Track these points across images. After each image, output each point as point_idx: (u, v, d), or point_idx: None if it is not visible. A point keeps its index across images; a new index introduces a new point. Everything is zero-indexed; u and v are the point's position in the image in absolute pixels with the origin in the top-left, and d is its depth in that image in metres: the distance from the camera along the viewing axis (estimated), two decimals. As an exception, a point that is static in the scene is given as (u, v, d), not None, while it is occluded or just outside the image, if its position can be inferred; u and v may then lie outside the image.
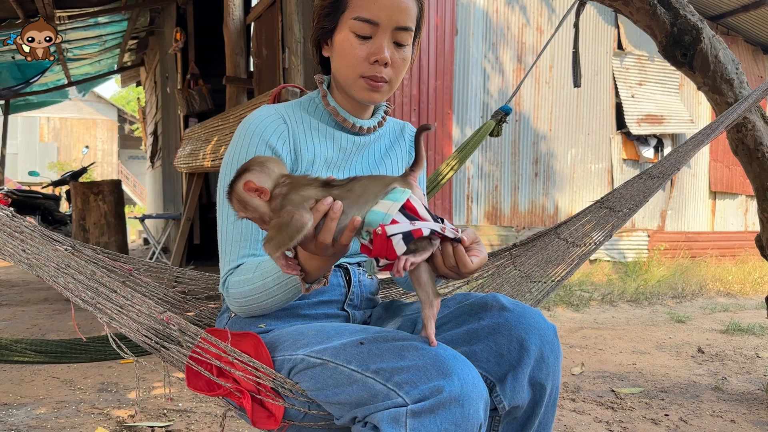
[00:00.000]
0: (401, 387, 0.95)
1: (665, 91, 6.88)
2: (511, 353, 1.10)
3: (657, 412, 2.56)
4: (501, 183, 5.99)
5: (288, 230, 0.99)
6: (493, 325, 1.13)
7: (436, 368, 0.94)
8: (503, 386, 1.10)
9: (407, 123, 1.48)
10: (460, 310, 1.21)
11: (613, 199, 1.69)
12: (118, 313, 1.16)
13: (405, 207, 0.96)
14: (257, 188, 1.03)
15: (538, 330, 1.12)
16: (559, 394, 1.59)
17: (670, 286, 5.67)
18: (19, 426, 2.24)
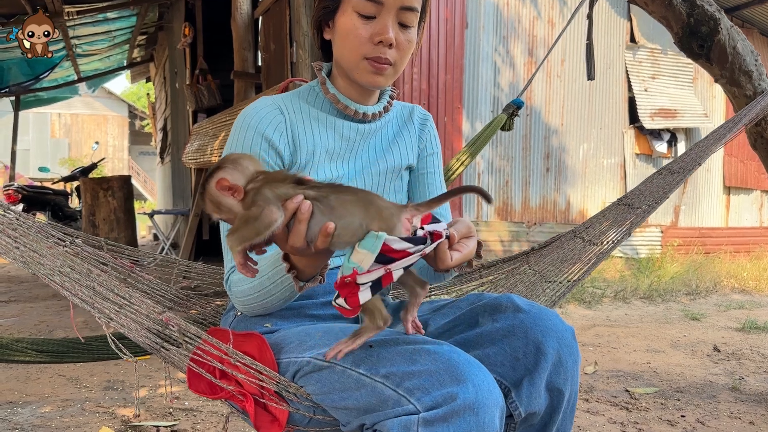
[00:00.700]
0: (412, 393, 0.90)
1: (679, 84, 6.77)
2: (527, 357, 1.05)
3: (673, 413, 2.50)
4: (512, 178, 5.91)
5: (255, 225, 0.95)
6: (507, 328, 1.08)
7: (450, 374, 0.89)
8: (519, 392, 1.05)
9: (417, 106, 1.41)
10: (472, 312, 1.15)
11: (632, 196, 1.63)
12: (116, 313, 1.12)
13: (382, 251, 0.89)
14: (230, 186, 0.98)
15: (556, 332, 1.06)
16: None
17: (683, 282, 5.59)
18: (24, 425, 2.22)
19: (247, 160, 1.02)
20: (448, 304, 1.24)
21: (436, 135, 1.41)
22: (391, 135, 1.33)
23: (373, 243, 0.88)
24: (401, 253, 0.89)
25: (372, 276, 0.89)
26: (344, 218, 0.93)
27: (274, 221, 0.94)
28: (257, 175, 1.01)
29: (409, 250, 0.90)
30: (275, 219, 0.94)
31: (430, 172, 1.38)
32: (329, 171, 1.22)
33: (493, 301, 1.14)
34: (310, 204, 0.94)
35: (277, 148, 1.19)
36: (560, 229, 6.04)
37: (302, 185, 0.98)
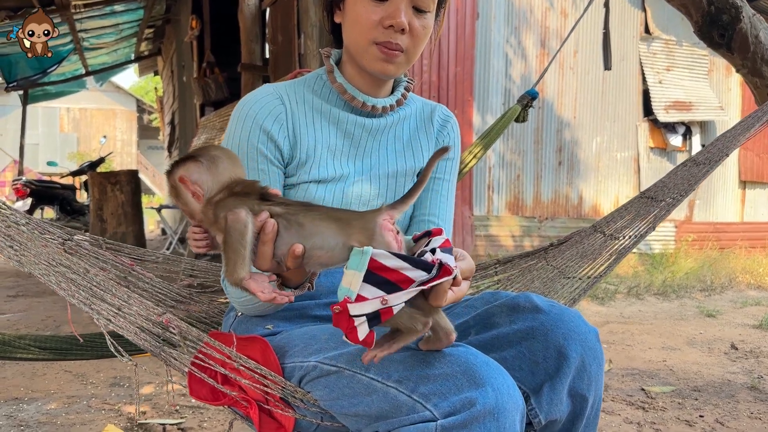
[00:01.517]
0: (428, 399, 0.84)
1: (694, 76, 6.65)
2: (547, 361, 0.99)
3: (691, 413, 2.44)
4: (523, 172, 5.83)
5: (232, 241, 0.86)
6: (526, 330, 1.02)
7: (467, 377, 0.84)
8: (539, 398, 0.99)
9: (440, 105, 1.30)
10: (488, 312, 1.09)
11: (655, 188, 1.56)
12: (115, 316, 1.07)
13: (372, 269, 0.79)
14: (192, 189, 0.92)
15: (579, 335, 1.00)
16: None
17: (698, 278, 5.50)
18: (29, 422, 2.20)
19: (226, 163, 0.95)
20: (461, 303, 1.17)
21: (457, 140, 1.30)
22: (406, 135, 1.23)
23: (359, 261, 0.79)
24: (396, 273, 0.78)
25: (365, 308, 0.78)
26: (314, 236, 0.86)
27: (244, 222, 0.87)
28: (229, 185, 0.93)
29: (407, 273, 0.78)
30: (244, 220, 0.87)
31: (439, 178, 1.26)
32: (332, 169, 1.15)
33: (510, 300, 1.07)
34: (274, 223, 0.87)
35: (276, 141, 1.12)
36: (572, 224, 5.96)
37: (268, 201, 0.90)
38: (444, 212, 1.25)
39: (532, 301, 1.05)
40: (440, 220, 1.24)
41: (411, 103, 1.27)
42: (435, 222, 1.23)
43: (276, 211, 0.89)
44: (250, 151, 1.12)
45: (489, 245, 5.57)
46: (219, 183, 0.93)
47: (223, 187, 0.93)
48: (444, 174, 1.27)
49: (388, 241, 0.83)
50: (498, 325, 1.06)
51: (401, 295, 0.78)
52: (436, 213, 1.24)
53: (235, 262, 0.87)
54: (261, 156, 1.12)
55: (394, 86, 1.22)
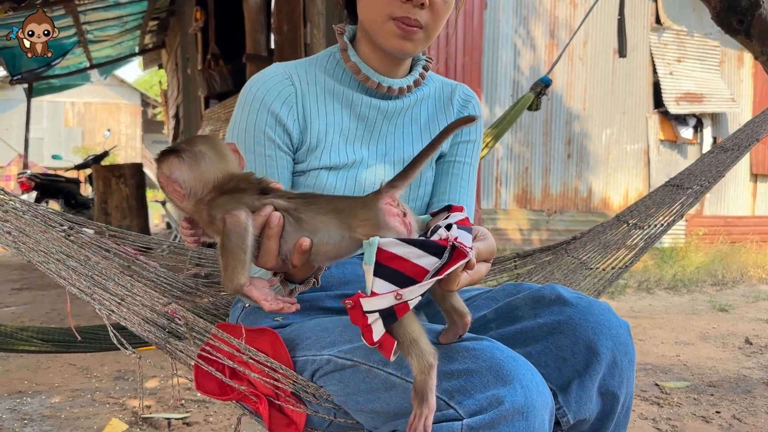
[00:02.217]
0: (452, 396, 0.79)
1: (705, 68, 6.56)
2: (575, 357, 0.93)
3: (707, 409, 2.39)
4: (532, 165, 5.76)
5: (231, 245, 0.80)
6: (552, 324, 0.96)
7: (494, 373, 0.78)
8: (567, 396, 0.93)
9: (461, 84, 1.23)
10: (510, 305, 1.03)
11: (681, 176, 1.50)
12: (118, 306, 1.01)
13: (381, 260, 0.73)
14: (172, 187, 0.85)
15: (609, 329, 0.94)
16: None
17: (709, 272, 5.43)
18: (33, 415, 2.17)
19: (212, 158, 0.87)
20: (481, 295, 1.11)
21: (479, 121, 1.25)
22: (424, 117, 1.16)
23: (369, 254, 0.73)
24: (407, 263, 0.72)
25: (379, 303, 0.73)
26: (319, 232, 0.80)
27: (244, 225, 0.80)
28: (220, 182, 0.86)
29: (419, 262, 0.72)
30: (244, 223, 0.80)
31: (459, 161, 1.19)
32: (344, 154, 1.08)
33: (534, 292, 1.01)
34: (280, 216, 0.81)
35: (285, 125, 1.06)
36: (581, 218, 5.90)
37: (268, 194, 0.84)
38: (463, 197, 1.19)
39: (557, 292, 0.99)
40: (461, 195, 1.19)
41: (429, 83, 1.20)
42: (455, 197, 1.18)
43: (280, 205, 0.83)
44: (257, 136, 1.06)
45: (497, 239, 5.50)
46: (204, 181, 0.86)
47: (213, 185, 0.86)
48: (464, 157, 1.20)
49: (394, 227, 0.77)
50: (521, 319, 1.00)
51: (416, 289, 0.73)
52: (456, 199, 1.18)
53: (234, 267, 0.81)
54: (268, 141, 1.06)
55: (411, 65, 1.15)
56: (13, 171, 12.40)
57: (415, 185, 1.15)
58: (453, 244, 0.72)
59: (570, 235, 5.05)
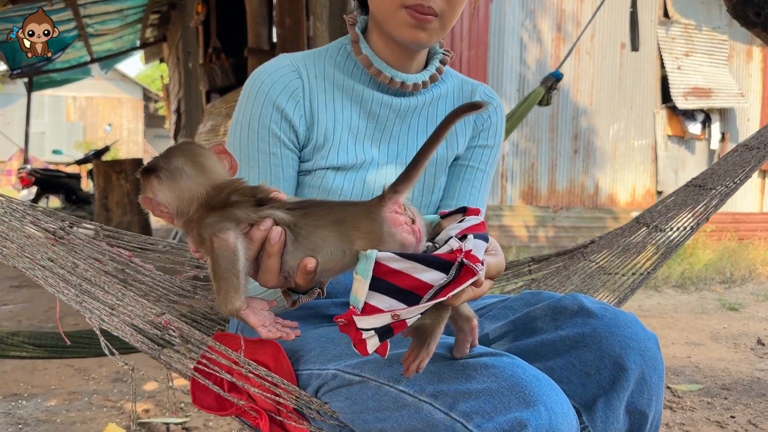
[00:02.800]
0: (470, 418, 0.73)
1: (713, 62, 6.46)
2: (601, 373, 0.86)
3: (721, 414, 2.33)
4: (538, 160, 5.68)
5: (221, 270, 0.73)
6: (576, 336, 0.89)
7: (515, 394, 0.72)
8: (592, 415, 0.86)
9: (483, 85, 1.15)
10: (529, 316, 0.96)
11: (703, 176, 1.43)
12: (109, 315, 0.94)
13: (379, 275, 0.66)
14: (157, 209, 0.78)
15: (638, 343, 0.87)
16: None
17: (717, 270, 5.36)
18: (28, 419, 2.11)
19: (191, 173, 0.78)
20: (497, 304, 1.04)
21: (499, 126, 1.15)
22: (441, 117, 1.08)
23: (364, 267, 0.67)
24: (408, 278, 0.66)
25: (374, 322, 0.67)
26: (320, 249, 0.73)
27: (233, 249, 0.73)
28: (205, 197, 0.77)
29: (421, 277, 0.65)
30: (233, 247, 0.73)
31: (472, 166, 1.12)
32: (353, 154, 1.01)
33: (555, 302, 0.95)
34: (281, 231, 0.73)
35: (291, 121, 0.99)
36: (588, 215, 5.82)
37: (265, 205, 0.76)
38: (472, 204, 1.10)
39: (580, 303, 0.92)
40: (471, 196, 1.12)
41: (447, 79, 1.12)
42: (464, 200, 1.11)
43: (280, 218, 0.75)
44: (261, 132, 0.99)
45: (502, 236, 5.44)
46: (186, 199, 0.78)
47: (198, 203, 0.78)
48: (478, 162, 1.12)
49: (401, 239, 0.70)
50: (541, 331, 0.94)
51: (415, 309, 0.66)
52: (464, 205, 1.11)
53: (226, 291, 0.74)
54: (273, 137, 0.99)
55: (428, 60, 1.08)
56: (15, 166, 12.35)
57: (428, 191, 1.08)
58: (461, 261, 0.65)
59: (577, 233, 4.96)
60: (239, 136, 1.01)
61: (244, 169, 1.00)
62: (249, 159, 1.00)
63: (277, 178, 1.00)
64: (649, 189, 6.22)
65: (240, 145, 1.01)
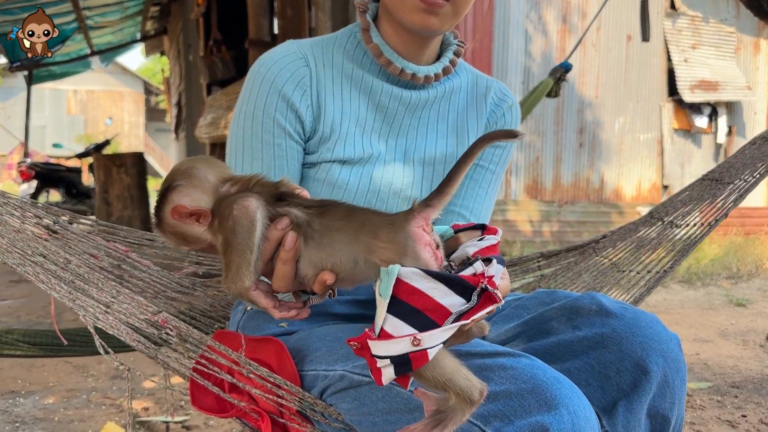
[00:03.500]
0: (488, 422, 0.69)
1: (720, 55, 6.39)
2: (621, 375, 0.82)
3: (732, 413, 2.29)
4: (542, 154, 5.63)
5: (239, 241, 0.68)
6: (594, 337, 0.85)
7: (536, 397, 0.69)
8: (612, 419, 0.82)
9: (499, 83, 1.10)
10: (544, 316, 0.92)
11: (719, 170, 1.38)
12: (104, 314, 0.90)
13: (398, 294, 0.61)
14: (192, 212, 0.73)
15: (659, 344, 0.83)
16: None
17: (724, 265, 5.31)
18: (25, 417, 2.08)
19: (206, 166, 0.75)
20: (511, 303, 1.00)
21: (513, 126, 1.10)
22: (453, 113, 1.04)
23: (385, 285, 0.61)
24: (427, 300, 0.60)
25: (392, 348, 0.61)
26: (333, 255, 0.67)
27: (252, 215, 0.68)
28: (224, 183, 0.74)
29: (442, 301, 0.60)
30: (252, 213, 0.68)
31: (481, 165, 1.06)
32: (360, 147, 0.97)
33: (572, 302, 0.90)
34: (296, 237, 0.68)
35: (297, 111, 0.94)
36: (593, 209, 5.77)
37: (284, 201, 0.71)
38: (477, 206, 1.06)
39: (599, 302, 0.88)
40: (473, 215, 1.05)
41: (461, 73, 1.07)
42: (466, 216, 1.05)
43: (299, 218, 0.69)
44: (266, 122, 0.95)
45: (506, 231, 5.39)
46: (209, 192, 0.74)
47: (217, 189, 0.75)
48: (488, 162, 1.07)
49: (424, 259, 0.64)
50: (557, 332, 0.89)
51: (437, 334, 0.60)
52: (469, 206, 1.05)
53: (238, 267, 0.69)
54: (278, 128, 0.94)
55: (441, 51, 1.02)
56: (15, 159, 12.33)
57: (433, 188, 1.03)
58: (484, 287, 0.61)
59: (582, 227, 4.90)
60: (243, 126, 0.97)
61: (247, 162, 0.96)
62: (252, 151, 0.96)
63: (282, 171, 0.96)
64: (654, 183, 6.16)
65: (243, 136, 0.96)
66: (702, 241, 1.18)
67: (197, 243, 0.76)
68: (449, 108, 1.03)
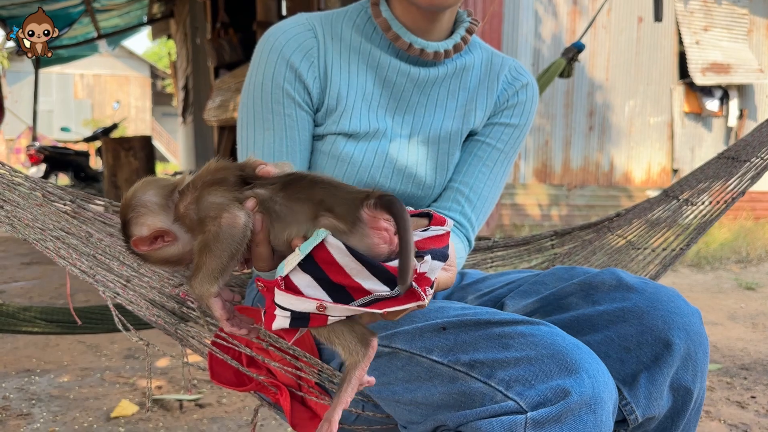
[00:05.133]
0: (510, 386, 0.70)
1: (732, 37, 6.30)
2: (641, 348, 0.83)
3: (741, 394, 2.30)
4: (552, 137, 5.59)
5: (218, 246, 0.66)
6: (615, 311, 0.85)
7: (556, 362, 0.70)
8: (634, 391, 0.83)
9: (513, 60, 1.07)
10: (563, 291, 0.92)
11: (736, 148, 1.37)
12: (123, 288, 0.91)
13: (318, 260, 0.62)
14: (151, 237, 0.72)
15: (682, 318, 0.83)
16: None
17: (733, 249, 5.29)
18: (41, 395, 2.10)
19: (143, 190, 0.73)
20: (528, 279, 1.00)
21: (528, 105, 1.07)
22: (464, 92, 1.02)
23: (307, 243, 0.63)
24: (346, 278, 0.61)
25: (297, 305, 0.63)
26: (291, 225, 0.67)
27: (242, 228, 0.67)
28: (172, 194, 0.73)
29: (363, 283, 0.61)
30: (242, 225, 0.67)
31: (488, 143, 1.04)
32: (366, 121, 0.96)
33: (591, 278, 0.90)
34: (261, 219, 0.68)
35: (304, 81, 0.94)
36: (602, 193, 5.74)
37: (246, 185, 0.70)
38: (480, 184, 1.03)
39: (619, 277, 0.88)
40: (472, 192, 1.02)
41: (476, 51, 1.05)
42: (465, 193, 1.02)
43: (262, 195, 0.69)
44: (275, 92, 0.94)
45: (514, 215, 5.38)
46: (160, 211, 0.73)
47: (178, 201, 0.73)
48: (496, 141, 1.05)
49: (370, 244, 0.64)
50: (576, 307, 0.90)
51: (344, 309, 0.63)
52: (469, 182, 1.03)
53: (212, 270, 0.67)
54: (287, 98, 0.94)
55: (454, 28, 1.01)
56: (23, 144, 12.36)
57: (442, 169, 1.01)
58: (411, 284, 0.61)
59: (591, 211, 4.88)
60: (252, 97, 0.96)
61: (259, 133, 0.96)
62: (263, 122, 0.95)
63: (293, 141, 0.95)
64: (665, 167, 6.12)
65: (254, 107, 0.96)
66: (718, 219, 1.17)
67: (185, 258, 0.75)
68: (460, 86, 1.02)
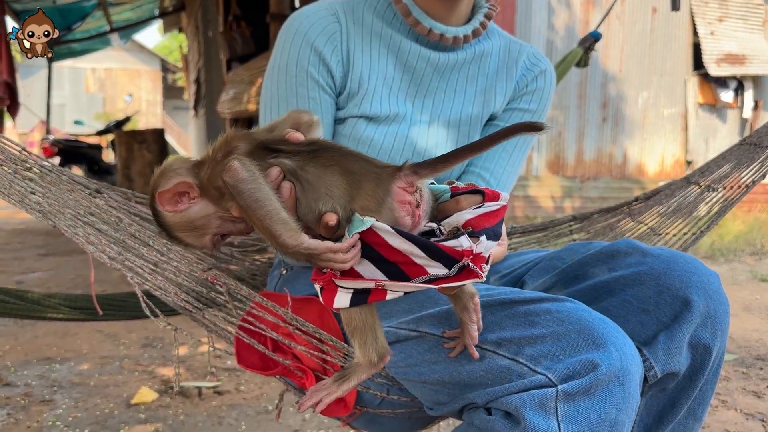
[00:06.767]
0: (538, 362, 0.71)
1: (748, 28, 6.24)
2: (660, 308, 0.83)
3: (757, 384, 2.29)
4: (565, 129, 5.57)
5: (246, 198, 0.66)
6: (631, 275, 0.86)
7: (583, 336, 0.71)
8: (653, 348, 0.84)
9: (531, 47, 1.09)
10: (580, 263, 0.93)
11: (758, 134, 1.36)
12: (152, 273, 0.92)
13: (370, 242, 0.64)
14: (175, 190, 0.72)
15: (700, 278, 0.84)
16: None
17: (747, 242, 5.25)
18: (62, 382, 2.14)
19: (171, 164, 0.75)
20: (545, 257, 1.01)
21: (545, 92, 1.08)
22: (483, 78, 1.03)
23: (354, 228, 0.65)
24: (401, 256, 0.63)
25: (357, 283, 0.66)
26: (325, 198, 0.67)
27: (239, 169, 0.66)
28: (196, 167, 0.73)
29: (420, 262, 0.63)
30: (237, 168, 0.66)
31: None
32: (386, 105, 0.98)
33: (607, 248, 0.92)
34: (290, 186, 0.68)
35: (328, 64, 0.96)
36: (616, 185, 5.71)
37: (272, 151, 0.70)
38: (500, 169, 1.05)
39: (635, 245, 0.89)
40: (493, 177, 1.05)
41: (494, 37, 1.06)
42: (485, 178, 1.04)
43: (287, 166, 0.68)
44: (299, 74, 0.96)
45: (527, 206, 5.37)
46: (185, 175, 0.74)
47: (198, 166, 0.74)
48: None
49: (397, 217, 0.65)
50: (593, 276, 0.91)
51: (401, 286, 0.65)
52: (490, 167, 1.05)
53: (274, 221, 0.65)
54: (311, 81, 0.96)
55: (472, 14, 1.02)
56: (36, 137, 12.47)
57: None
58: (466, 263, 0.62)
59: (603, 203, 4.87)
60: (276, 80, 0.98)
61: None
62: (288, 104, 0.97)
63: None
64: (678, 159, 6.08)
65: (278, 90, 0.98)
66: (739, 202, 1.17)
67: (210, 225, 0.74)
68: (479, 71, 1.03)
